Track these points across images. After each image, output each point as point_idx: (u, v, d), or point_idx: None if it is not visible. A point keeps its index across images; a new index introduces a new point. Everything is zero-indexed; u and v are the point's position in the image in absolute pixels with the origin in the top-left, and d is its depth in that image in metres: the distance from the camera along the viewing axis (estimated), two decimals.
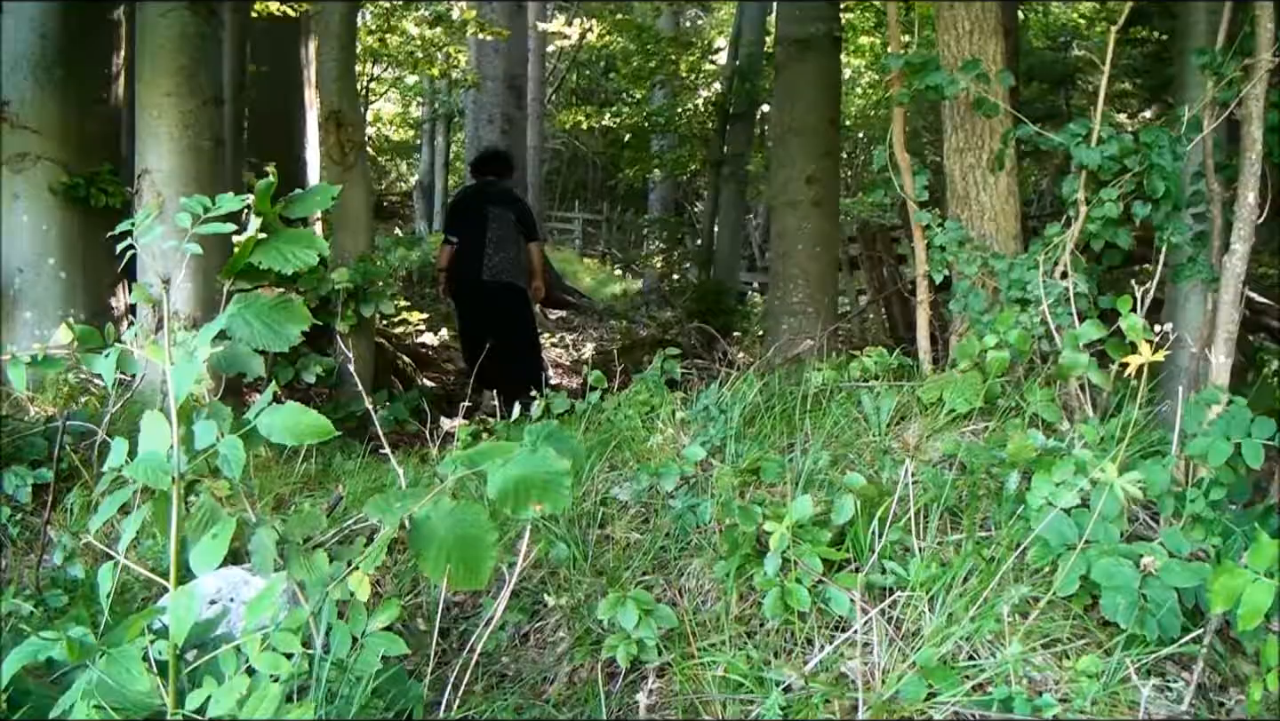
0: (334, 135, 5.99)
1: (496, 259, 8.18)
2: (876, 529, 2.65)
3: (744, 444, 3.27)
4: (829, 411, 3.47)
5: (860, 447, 3.26)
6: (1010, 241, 4.67)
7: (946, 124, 4.79)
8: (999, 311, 4.18)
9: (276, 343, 2.47)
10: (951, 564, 2.64)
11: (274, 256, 2.52)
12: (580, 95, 28.40)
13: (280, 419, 2.23)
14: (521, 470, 2.16)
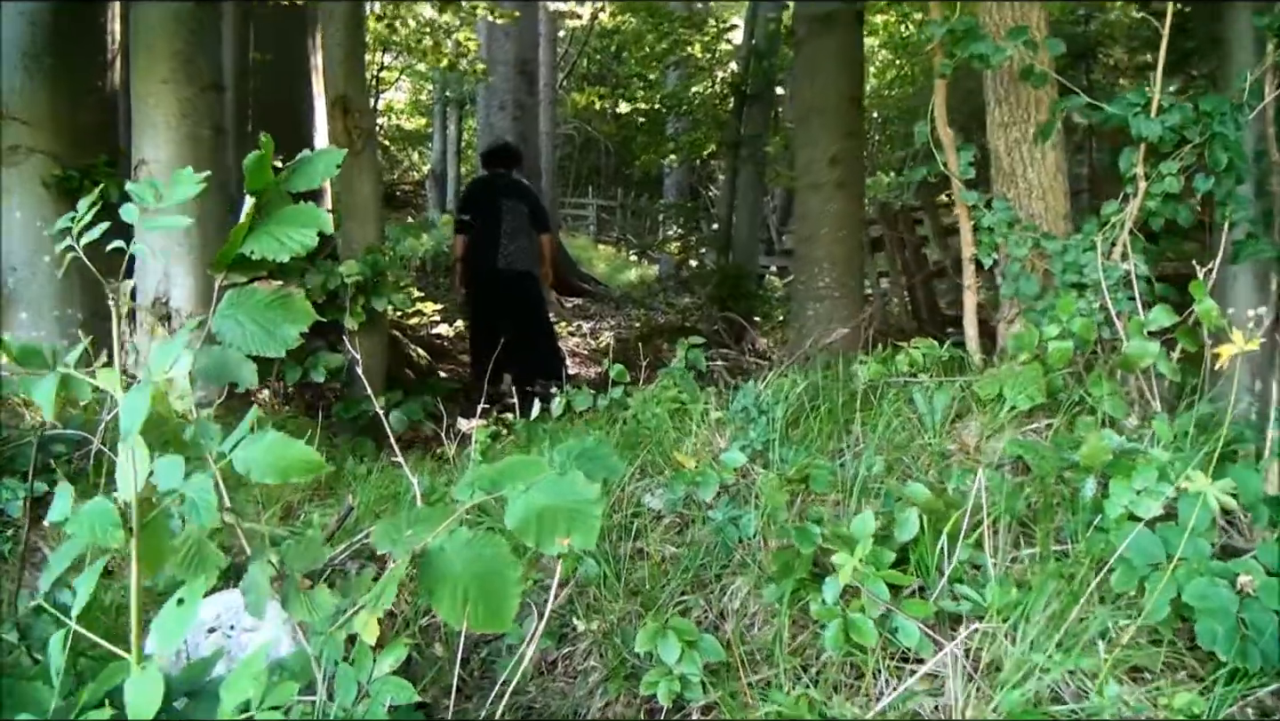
0: (341, 121, 5.71)
1: (512, 248, 8.36)
2: (945, 546, 2.37)
3: (788, 448, 2.99)
4: (879, 410, 3.18)
5: (916, 451, 2.98)
6: (1060, 221, 4.37)
7: (989, 96, 4.50)
8: (1052, 297, 3.90)
9: (272, 346, 2.19)
10: (1028, 585, 2.35)
11: (267, 242, 2.23)
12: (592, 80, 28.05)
13: (262, 452, 1.94)
14: (546, 498, 1.87)
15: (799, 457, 2.91)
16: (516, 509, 1.88)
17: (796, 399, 3.24)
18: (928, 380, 3.47)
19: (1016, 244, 4.00)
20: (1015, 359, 3.33)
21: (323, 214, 2.27)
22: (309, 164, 2.42)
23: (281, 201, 2.32)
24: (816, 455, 2.98)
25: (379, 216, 5.84)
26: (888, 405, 3.23)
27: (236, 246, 2.23)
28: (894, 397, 3.26)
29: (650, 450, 3.54)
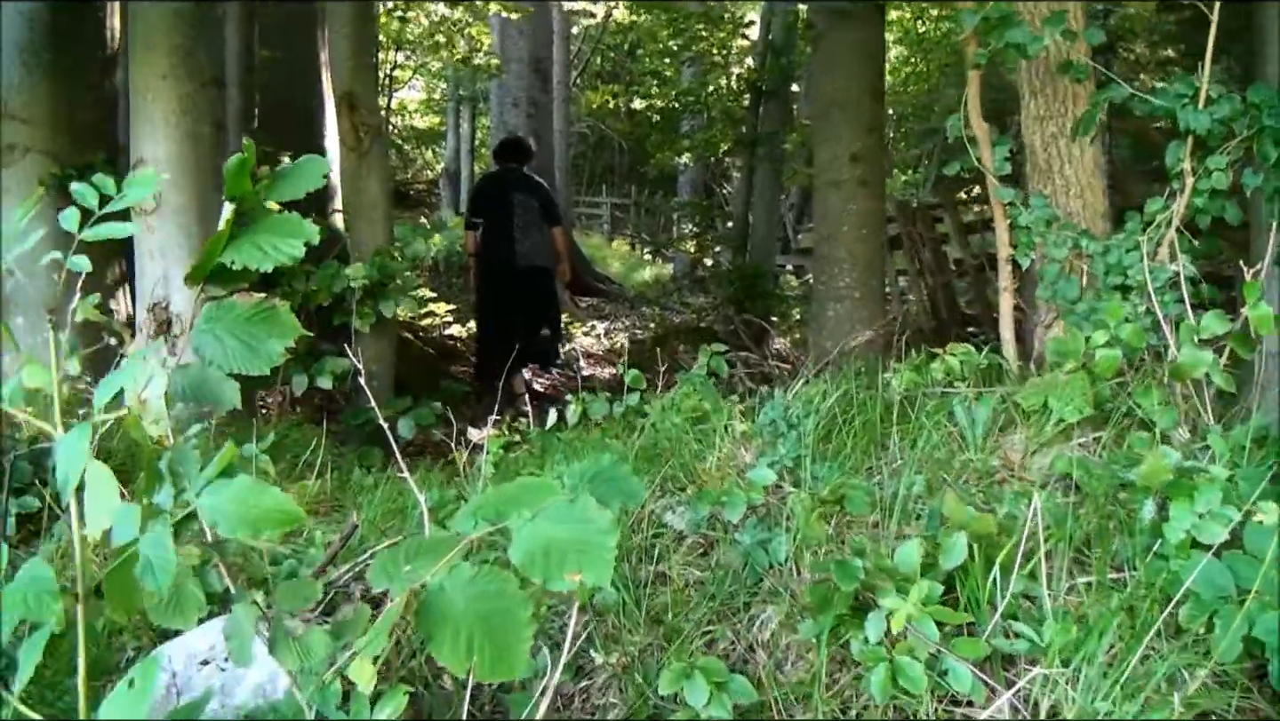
0: (348, 119, 5.52)
1: (526, 244, 8.44)
2: (998, 577, 2.16)
3: (821, 464, 2.79)
4: (917, 423, 2.97)
5: (958, 468, 2.77)
6: (1099, 219, 4.16)
7: (1024, 89, 4.29)
8: (1093, 300, 3.69)
9: (255, 363, 2.00)
10: (1086, 620, 2.15)
11: (249, 251, 2.03)
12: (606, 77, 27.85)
13: (231, 501, 1.71)
14: (554, 528, 1.67)
15: (832, 475, 2.71)
16: (521, 541, 1.68)
17: (828, 411, 3.04)
18: (965, 390, 3.27)
19: (1055, 244, 3.79)
20: (1059, 367, 3.12)
21: (310, 226, 2.07)
22: (293, 172, 2.23)
23: (264, 209, 2.12)
24: (850, 473, 2.78)
25: (388, 217, 5.65)
26: (925, 417, 3.03)
27: (215, 256, 2.04)
28: (932, 410, 3.05)
29: (671, 463, 3.35)
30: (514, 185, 8.61)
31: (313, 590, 1.94)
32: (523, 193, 8.56)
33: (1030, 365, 3.87)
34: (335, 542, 3.32)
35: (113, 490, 1.71)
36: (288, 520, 1.60)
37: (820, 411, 3.01)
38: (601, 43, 27.82)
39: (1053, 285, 3.80)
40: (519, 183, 8.67)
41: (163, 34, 4.81)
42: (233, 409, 4.47)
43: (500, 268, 8.52)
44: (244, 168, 2.17)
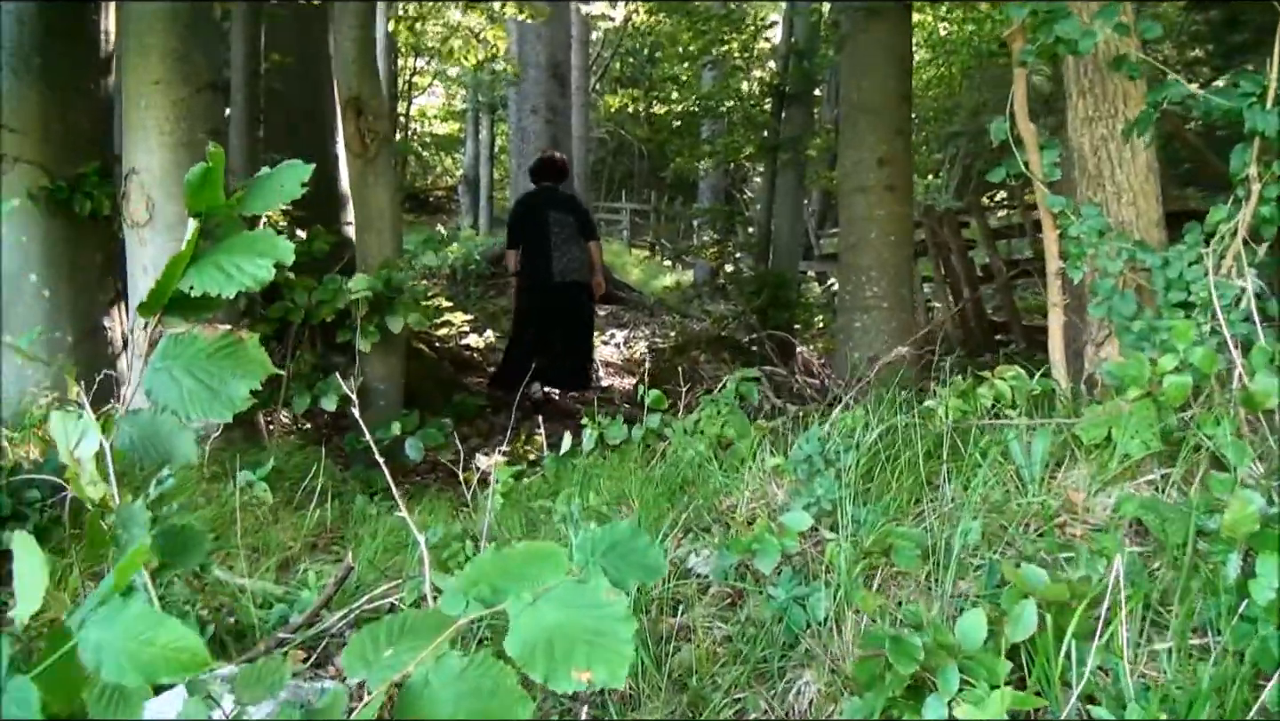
0: (353, 124, 5.26)
1: (564, 261, 8.83)
2: (1072, 649, 1.87)
3: (862, 506, 2.50)
4: (970, 459, 2.68)
5: (1016, 512, 2.48)
6: (1153, 229, 3.87)
7: (1071, 88, 3.99)
8: (1151, 318, 3.39)
9: (214, 407, 1.73)
10: (1170, 700, 1.86)
11: (210, 274, 1.77)
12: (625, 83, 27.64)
13: (120, 635, 1.28)
14: (561, 615, 1.38)
15: (876, 520, 2.42)
16: (521, 628, 1.40)
17: (869, 447, 2.74)
18: (1018, 418, 2.98)
19: (1109, 256, 3.50)
20: (1121, 394, 2.83)
21: (283, 244, 1.81)
22: (269, 181, 1.97)
23: (236, 225, 1.86)
24: (896, 517, 2.49)
25: (397, 227, 5.38)
26: (975, 450, 2.74)
27: (174, 280, 1.77)
28: (986, 444, 2.76)
29: (694, 498, 3.08)
30: (550, 203, 8.99)
31: (279, 676, 1.66)
32: (559, 210, 8.94)
33: (1082, 386, 3.58)
34: (329, 585, 3.06)
35: (39, 566, 1.43)
36: (187, 662, 1.26)
37: (861, 446, 2.72)
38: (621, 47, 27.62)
39: (1106, 301, 3.50)
40: (555, 201, 9.05)
41: (156, 36, 4.58)
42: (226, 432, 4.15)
43: (538, 284, 8.89)
44: (210, 178, 1.92)
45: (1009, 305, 12.48)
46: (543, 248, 8.85)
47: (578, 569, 1.47)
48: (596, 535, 1.58)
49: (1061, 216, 3.60)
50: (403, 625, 1.56)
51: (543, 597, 1.41)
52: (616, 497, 3.53)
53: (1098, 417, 2.73)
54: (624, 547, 1.57)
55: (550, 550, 1.51)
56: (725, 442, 3.72)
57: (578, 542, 1.56)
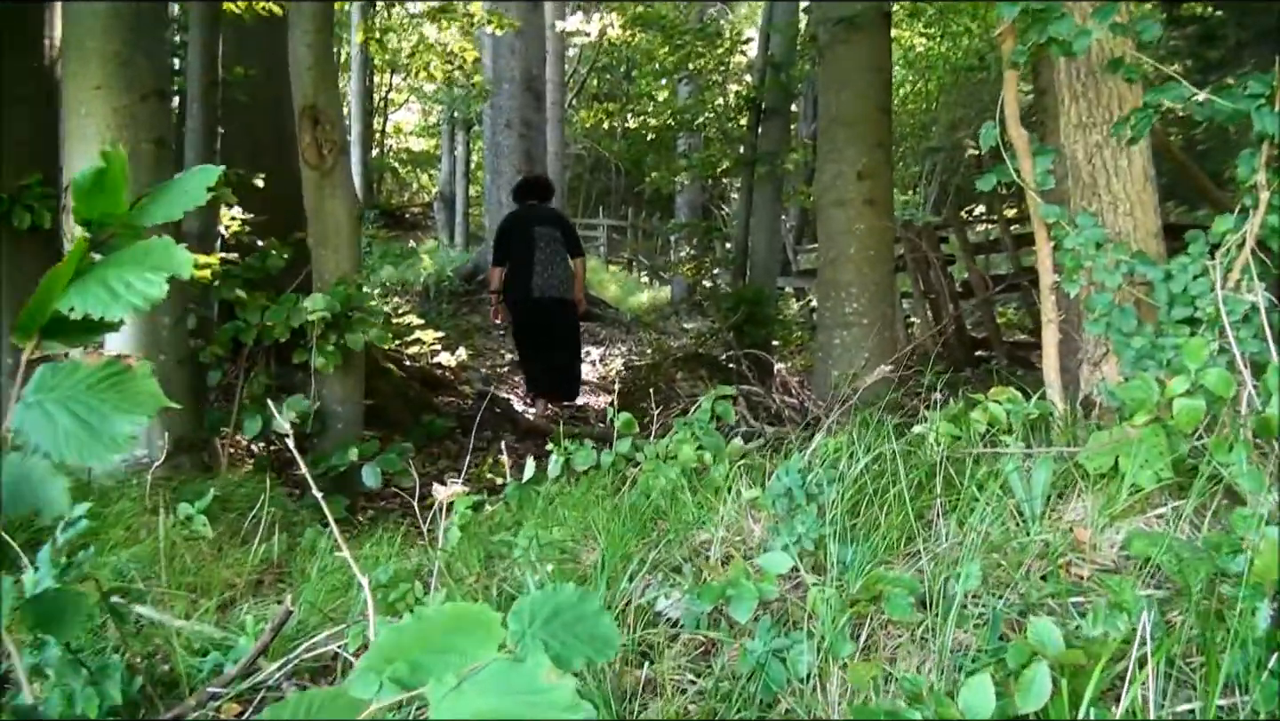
0: (309, 133, 5.00)
1: (545, 276, 8.97)
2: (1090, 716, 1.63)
3: (848, 546, 2.26)
4: (963, 492, 2.44)
5: (1018, 554, 2.24)
6: (1151, 240, 3.65)
7: (1063, 93, 3.79)
8: (1150, 335, 3.17)
9: (93, 449, 1.45)
10: None
11: (94, 293, 1.51)
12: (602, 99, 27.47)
13: None
14: (489, 701, 1.13)
15: (864, 562, 2.18)
16: (445, 713, 1.16)
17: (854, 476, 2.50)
18: (1014, 444, 2.75)
19: (1107, 270, 3.28)
20: (1128, 419, 2.60)
21: (181, 254, 1.55)
22: (174, 187, 1.71)
23: (134, 235, 1.61)
24: (885, 557, 2.25)
25: (355, 242, 5.12)
26: (970, 480, 2.50)
27: (50, 300, 1.52)
28: (983, 474, 2.52)
29: (665, 533, 2.84)
30: (536, 220, 9.17)
31: None
32: (544, 226, 9.12)
33: (1078, 408, 3.35)
34: (266, 631, 2.81)
35: None
36: None
37: (845, 478, 2.47)
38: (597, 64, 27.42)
39: (1104, 317, 3.28)
40: (540, 218, 9.23)
41: (97, 40, 4.32)
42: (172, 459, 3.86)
43: (521, 301, 9.06)
44: (104, 182, 1.66)
45: (990, 320, 12.29)
46: (525, 263, 8.97)
47: (513, 643, 1.23)
48: (536, 601, 1.32)
49: (1056, 227, 3.38)
50: (309, 708, 1.31)
51: (469, 680, 1.16)
52: (583, 529, 3.29)
53: (1104, 446, 2.50)
54: (570, 615, 1.32)
55: (480, 618, 1.26)
56: (700, 468, 3.49)
57: (515, 609, 1.30)
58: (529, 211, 9.39)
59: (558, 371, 9.43)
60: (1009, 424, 2.84)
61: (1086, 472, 2.53)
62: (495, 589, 3.04)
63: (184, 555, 3.71)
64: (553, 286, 9.04)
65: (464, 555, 3.42)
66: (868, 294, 7.13)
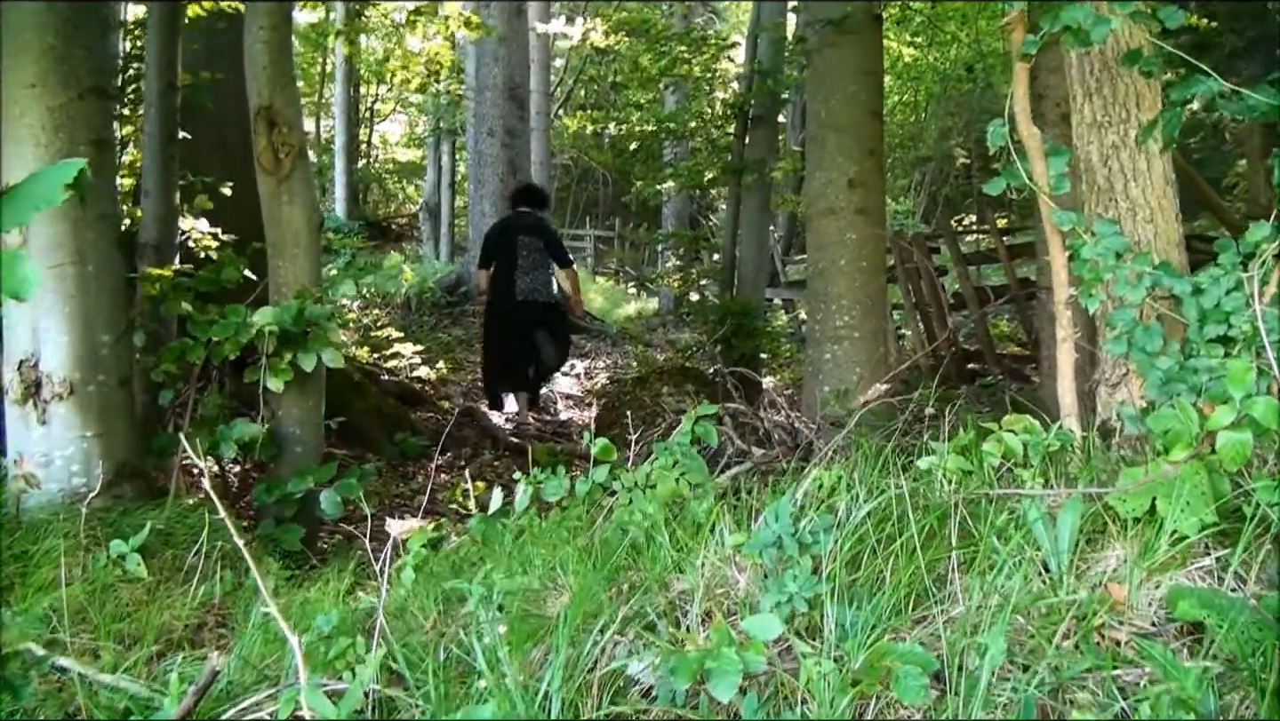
0: (265, 137, 4.67)
1: (525, 281, 9.29)
2: None
3: (848, 607, 1.94)
4: (982, 543, 2.12)
5: (1045, 614, 1.92)
6: (1173, 250, 3.35)
7: (1075, 89, 3.49)
8: (1176, 356, 2.87)
9: None
10: None
11: None
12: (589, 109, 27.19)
13: None
14: None
15: (866, 625, 1.86)
16: None
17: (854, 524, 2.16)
18: (1031, 479, 2.43)
19: (1129, 282, 2.97)
20: (1165, 454, 2.28)
21: (26, 269, 1.26)
22: (27, 187, 1.42)
23: None
24: (892, 621, 1.93)
25: (314, 253, 4.78)
26: (989, 527, 2.18)
27: None
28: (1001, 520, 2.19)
29: (639, 581, 2.51)
30: (522, 228, 9.47)
31: None
32: (529, 235, 9.42)
33: (1094, 434, 3.04)
34: (189, 695, 2.48)
35: None
36: None
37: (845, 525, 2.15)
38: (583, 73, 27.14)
39: (1126, 335, 2.98)
40: (527, 226, 9.53)
41: (31, 33, 3.99)
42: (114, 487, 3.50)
43: (503, 304, 9.38)
44: None
45: (983, 333, 12.01)
46: (509, 268, 9.30)
47: None
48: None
49: (1072, 236, 3.07)
50: None
51: None
52: (550, 569, 2.97)
53: (1138, 486, 2.18)
54: None
55: None
56: (680, 500, 3.17)
57: None
58: (517, 218, 9.68)
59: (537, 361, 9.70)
60: (1026, 456, 2.52)
61: (1117, 514, 2.21)
62: (451, 640, 2.72)
63: (117, 597, 3.38)
64: (535, 290, 9.36)
65: (419, 597, 3.10)
66: (860, 306, 6.82)
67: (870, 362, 6.75)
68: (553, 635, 2.43)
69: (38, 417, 4.03)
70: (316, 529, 4.85)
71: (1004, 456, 2.53)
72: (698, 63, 13.26)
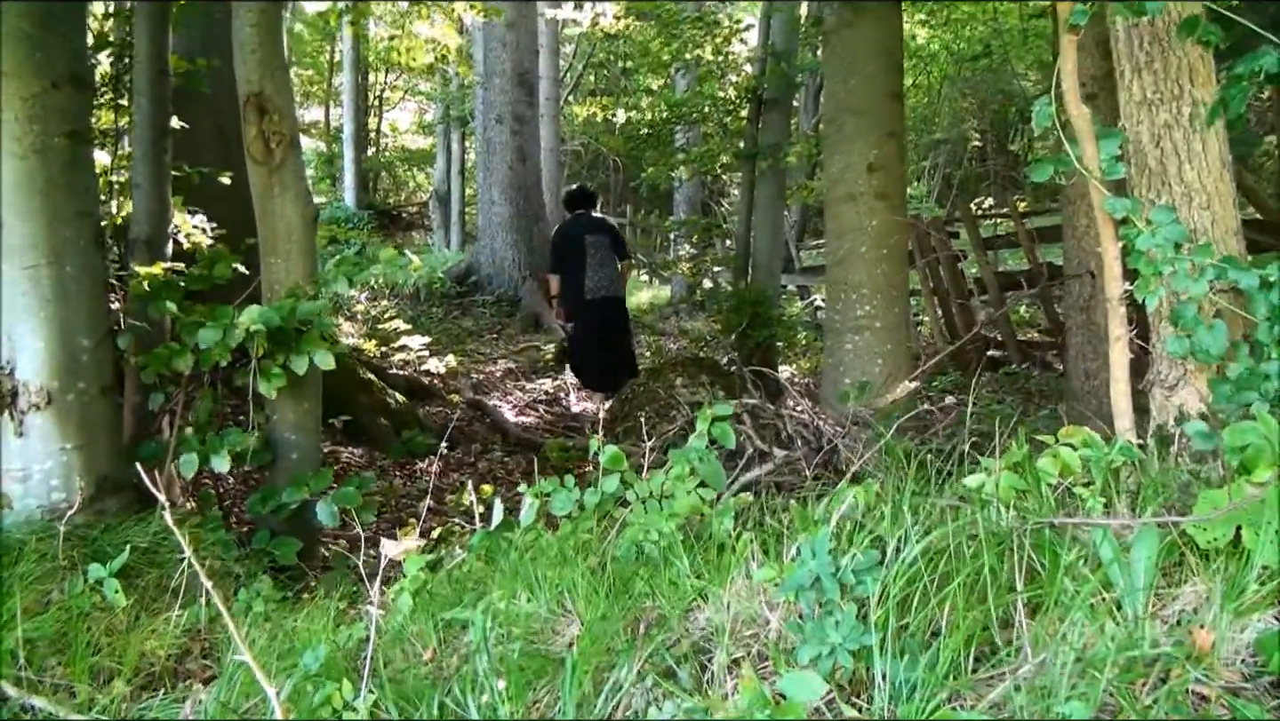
0: (255, 125, 4.41)
1: (595, 279, 9.89)
2: None
3: (899, 661, 1.68)
4: (1051, 584, 1.85)
5: (1123, 666, 1.67)
6: (1231, 239, 3.09)
7: (1123, 64, 3.22)
8: (1248, 359, 2.60)
9: None
10: None
11: None
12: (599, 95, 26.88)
13: None
14: None
15: (924, 686, 1.61)
16: None
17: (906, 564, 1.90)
18: (1093, 501, 2.17)
19: (1190, 276, 2.70)
20: (1245, 473, 2.02)
21: None
22: None
23: None
24: (953, 678, 1.67)
25: (310, 249, 4.52)
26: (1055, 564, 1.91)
27: None
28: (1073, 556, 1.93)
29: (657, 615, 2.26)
30: (586, 228, 10.06)
31: None
32: (594, 234, 10.02)
33: (1149, 442, 2.78)
34: None
35: None
36: None
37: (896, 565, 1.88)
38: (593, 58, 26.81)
39: (1186, 334, 2.71)
40: (590, 226, 10.14)
41: (4, 18, 3.74)
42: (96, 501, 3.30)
43: (575, 302, 9.95)
44: None
45: (1003, 319, 11.71)
46: (578, 267, 9.87)
47: None
48: None
49: (1126, 224, 2.80)
50: None
51: None
52: (557, 592, 2.73)
53: (1221, 514, 1.92)
54: None
55: None
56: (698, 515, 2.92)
57: None
58: (578, 220, 10.24)
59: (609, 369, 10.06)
60: (1086, 472, 2.26)
61: (1194, 543, 1.95)
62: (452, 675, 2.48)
63: (93, 627, 3.14)
64: (602, 286, 9.91)
65: (415, 624, 2.86)
66: (880, 295, 6.56)
67: (892, 353, 6.50)
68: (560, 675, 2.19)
69: (14, 429, 3.79)
70: (315, 538, 4.61)
71: (1062, 473, 2.27)
72: (710, 46, 12.97)
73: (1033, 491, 2.24)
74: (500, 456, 8.27)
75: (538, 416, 10.32)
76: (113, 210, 6.17)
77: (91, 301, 3.93)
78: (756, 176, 11.87)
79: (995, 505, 2.12)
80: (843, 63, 6.81)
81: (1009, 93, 21.99)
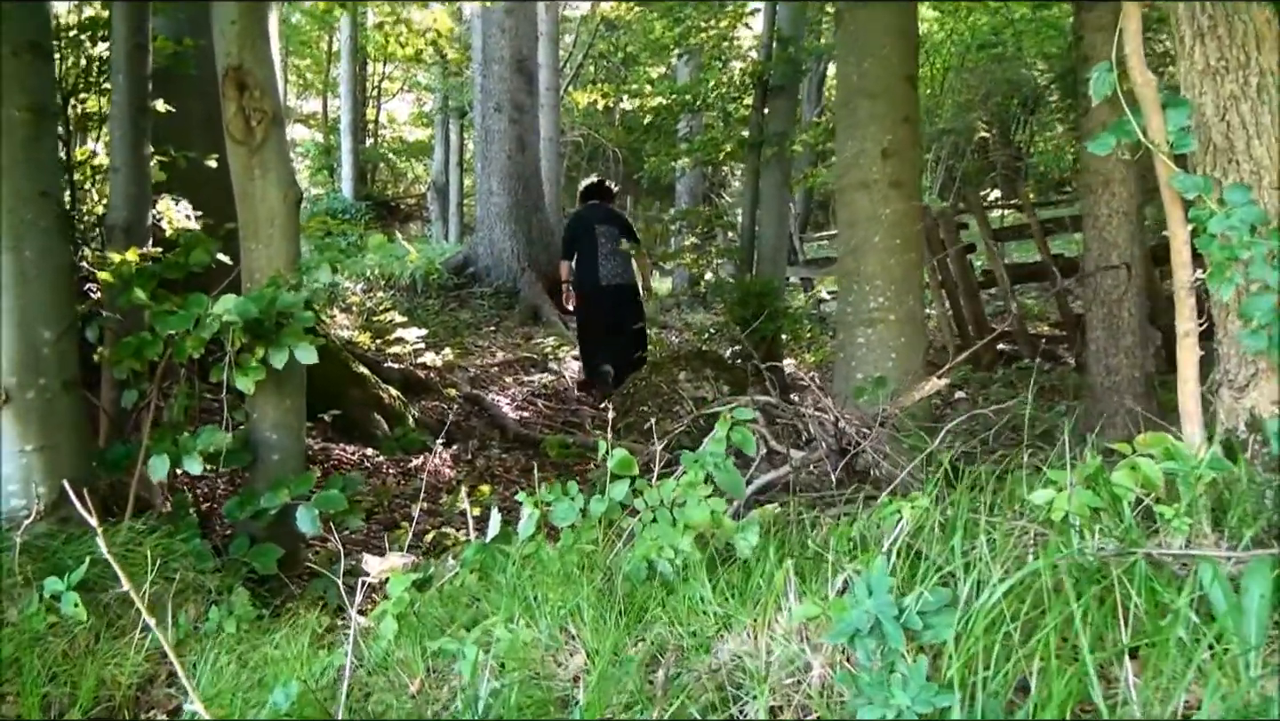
0: (235, 102, 4.11)
1: (608, 266, 10.23)
2: None
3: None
4: (1149, 623, 1.56)
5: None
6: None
7: (1184, 30, 2.92)
8: None
9: None
10: None
11: None
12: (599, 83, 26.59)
13: None
14: None
15: None
16: None
17: (989, 609, 1.58)
18: (1177, 520, 1.87)
19: (1268, 263, 2.40)
20: None
21: None
22: None
23: None
24: None
25: (293, 234, 4.21)
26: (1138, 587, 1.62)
27: None
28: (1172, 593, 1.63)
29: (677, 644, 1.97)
30: (598, 219, 10.41)
31: None
32: (606, 224, 10.38)
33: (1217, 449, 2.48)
34: None
35: None
36: None
37: (976, 609, 1.56)
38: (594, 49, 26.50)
39: (1263, 327, 2.42)
40: (602, 216, 10.48)
41: None
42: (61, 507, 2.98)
43: (590, 289, 10.24)
44: None
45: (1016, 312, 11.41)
46: (591, 255, 10.22)
47: None
48: None
49: (1196, 205, 2.50)
50: None
51: None
52: (560, 615, 2.43)
53: None
54: None
55: None
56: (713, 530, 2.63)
57: None
58: (591, 211, 10.58)
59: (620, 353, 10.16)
60: (1168, 488, 1.97)
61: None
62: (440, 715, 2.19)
63: (52, 649, 2.85)
64: (615, 275, 10.23)
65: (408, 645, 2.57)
66: (895, 286, 6.25)
67: (905, 347, 6.22)
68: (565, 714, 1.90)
69: None
70: (299, 545, 4.31)
71: (1142, 485, 1.97)
72: (714, 31, 12.66)
73: (1108, 509, 1.94)
74: (498, 453, 7.98)
75: (536, 411, 10.03)
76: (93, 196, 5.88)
77: (53, 290, 3.62)
78: (761, 165, 11.58)
79: (1075, 528, 1.82)
80: (856, 44, 6.51)
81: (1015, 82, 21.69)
